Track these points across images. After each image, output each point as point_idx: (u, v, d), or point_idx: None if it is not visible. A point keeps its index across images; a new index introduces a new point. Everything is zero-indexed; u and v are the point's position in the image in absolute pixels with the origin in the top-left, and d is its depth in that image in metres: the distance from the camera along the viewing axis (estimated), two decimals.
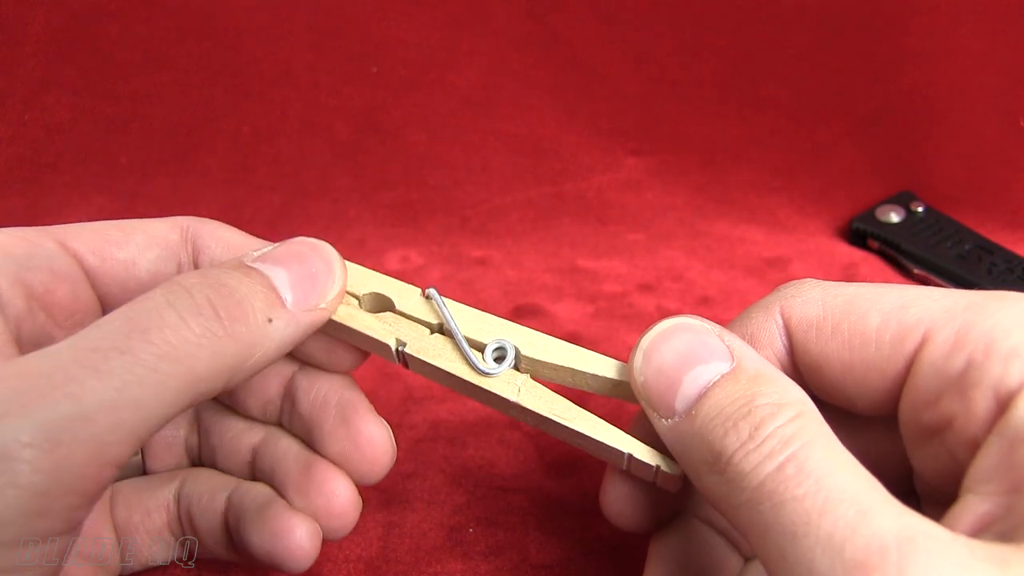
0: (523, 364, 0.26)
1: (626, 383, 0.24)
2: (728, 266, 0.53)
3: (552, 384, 0.26)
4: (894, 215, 0.54)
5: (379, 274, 0.27)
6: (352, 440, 0.27)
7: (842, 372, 0.23)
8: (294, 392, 0.29)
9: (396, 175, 0.56)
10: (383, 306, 0.27)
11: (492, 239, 0.55)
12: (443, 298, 0.26)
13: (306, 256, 0.25)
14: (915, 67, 0.54)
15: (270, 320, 0.23)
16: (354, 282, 0.27)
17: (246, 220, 0.53)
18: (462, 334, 0.26)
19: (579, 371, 0.25)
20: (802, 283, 0.24)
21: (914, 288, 0.23)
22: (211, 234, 0.27)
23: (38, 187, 0.51)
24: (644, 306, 0.49)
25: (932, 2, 0.52)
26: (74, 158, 0.52)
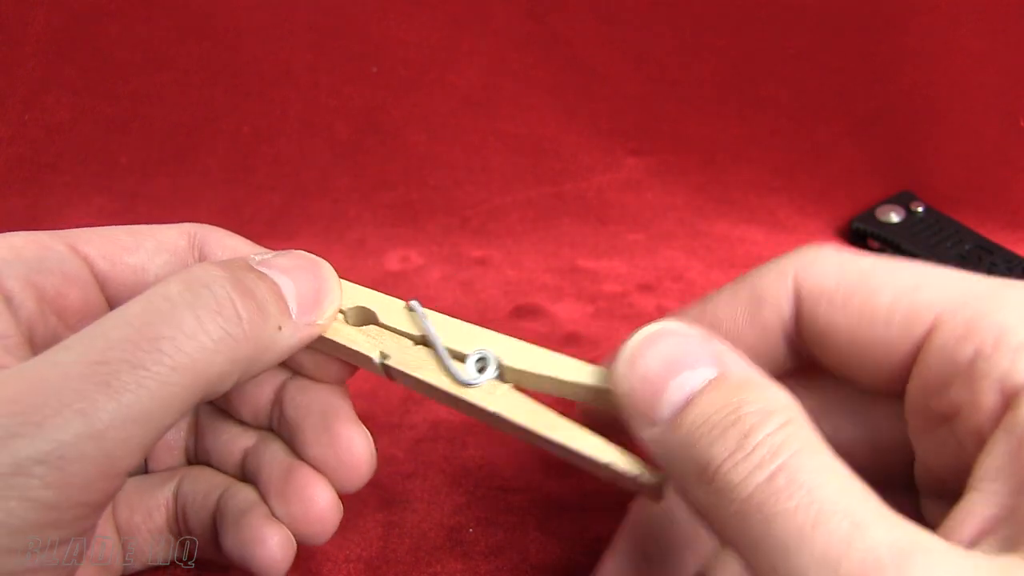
0: (508, 374, 0.25)
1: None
2: (728, 266, 0.53)
3: (537, 393, 0.25)
4: (894, 215, 0.54)
5: (363, 287, 0.27)
6: (332, 446, 0.27)
7: (849, 346, 0.22)
8: (283, 398, 0.29)
9: (396, 175, 0.56)
10: (367, 319, 0.27)
11: (492, 239, 0.55)
12: (425, 309, 0.26)
13: (311, 271, 0.25)
14: (915, 67, 0.54)
15: (279, 328, 0.23)
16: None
17: (246, 220, 0.53)
18: (444, 345, 0.25)
19: (562, 380, 0.25)
20: (821, 250, 0.24)
21: (931, 269, 0.22)
22: (218, 242, 0.28)
23: (38, 187, 0.51)
24: (644, 306, 0.49)
25: (932, 2, 0.52)
26: (74, 158, 0.52)
